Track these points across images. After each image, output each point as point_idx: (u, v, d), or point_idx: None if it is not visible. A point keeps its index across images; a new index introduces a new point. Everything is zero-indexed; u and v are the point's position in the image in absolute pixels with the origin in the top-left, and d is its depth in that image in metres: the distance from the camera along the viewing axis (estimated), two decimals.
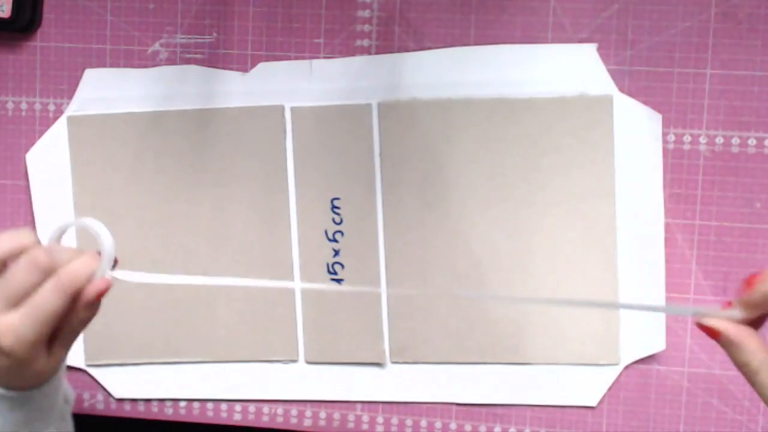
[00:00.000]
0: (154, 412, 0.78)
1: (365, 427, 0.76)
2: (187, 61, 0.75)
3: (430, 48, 0.73)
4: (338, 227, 0.74)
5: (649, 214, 0.71)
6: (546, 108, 0.71)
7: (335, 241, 0.74)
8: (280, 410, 0.77)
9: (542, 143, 0.72)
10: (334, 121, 0.73)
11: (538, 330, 0.73)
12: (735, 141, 0.71)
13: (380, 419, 0.76)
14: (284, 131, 0.74)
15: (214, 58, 0.75)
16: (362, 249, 0.74)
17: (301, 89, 0.73)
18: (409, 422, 0.75)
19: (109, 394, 0.77)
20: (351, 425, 0.76)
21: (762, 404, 0.72)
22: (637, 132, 0.71)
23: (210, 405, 0.77)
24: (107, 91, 0.75)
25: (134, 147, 0.75)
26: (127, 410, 0.78)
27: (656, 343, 0.72)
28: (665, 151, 0.71)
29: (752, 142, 0.71)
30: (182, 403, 0.77)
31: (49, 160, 0.76)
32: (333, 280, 0.74)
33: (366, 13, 0.73)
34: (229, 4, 0.74)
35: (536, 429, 0.74)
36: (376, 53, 0.73)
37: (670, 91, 0.71)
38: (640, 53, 0.71)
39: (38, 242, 0.57)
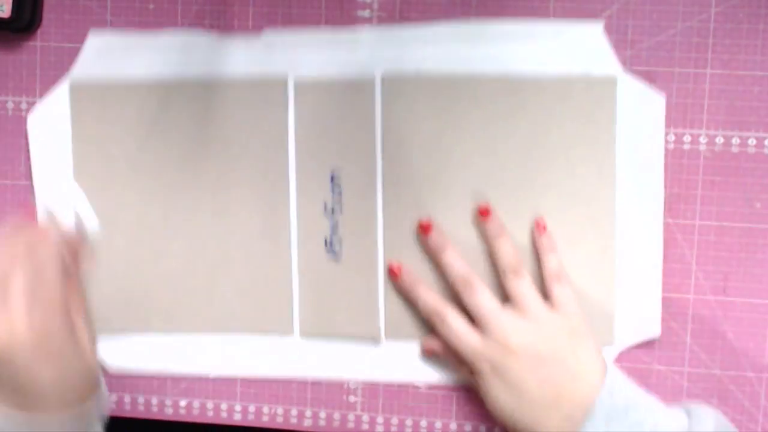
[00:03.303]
0: (154, 412, 0.78)
1: (365, 427, 0.76)
2: None
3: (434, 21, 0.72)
4: (337, 202, 0.74)
5: (649, 196, 0.71)
6: (549, 88, 0.71)
7: (334, 215, 0.74)
8: (280, 410, 0.77)
9: (544, 124, 0.72)
10: (337, 94, 0.73)
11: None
12: (735, 141, 0.71)
13: (380, 419, 0.76)
14: (286, 103, 0.74)
15: None
16: (361, 224, 0.74)
17: (304, 61, 0.74)
18: (409, 422, 0.75)
19: (103, 368, 0.77)
20: (351, 425, 0.76)
21: (762, 404, 0.72)
22: (640, 113, 0.71)
23: (210, 405, 0.77)
24: (110, 57, 0.75)
25: (135, 116, 0.75)
26: (128, 410, 0.78)
27: (651, 329, 0.72)
28: (666, 151, 0.72)
29: (752, 142, 0.71)
30: (182, 403, 0.78)
31: (49, 125, 0.76)
32: (330, 254, 0.74)
33: (366, 13, 0.73)
34: (229, 4, 0.74)
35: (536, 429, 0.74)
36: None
37: (670, 91, 0.71)
38: (640, 53, 0.71)
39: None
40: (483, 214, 0.71)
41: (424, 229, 0.72)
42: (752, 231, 0.72)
